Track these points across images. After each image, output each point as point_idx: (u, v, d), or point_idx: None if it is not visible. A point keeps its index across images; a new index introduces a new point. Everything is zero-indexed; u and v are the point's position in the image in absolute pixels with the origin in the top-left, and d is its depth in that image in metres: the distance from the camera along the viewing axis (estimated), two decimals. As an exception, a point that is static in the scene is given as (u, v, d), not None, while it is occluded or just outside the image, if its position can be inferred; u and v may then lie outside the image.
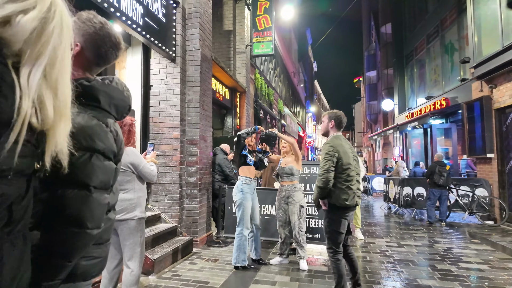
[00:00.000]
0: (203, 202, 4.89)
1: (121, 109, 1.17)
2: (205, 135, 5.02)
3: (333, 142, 2.79)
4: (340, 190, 2.70)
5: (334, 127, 2.92)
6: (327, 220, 2.80)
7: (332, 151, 2.72)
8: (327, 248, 2.86)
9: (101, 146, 1.01)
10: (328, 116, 2.96)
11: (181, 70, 4.73)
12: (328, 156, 2.70)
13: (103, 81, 1.11)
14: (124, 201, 2.35)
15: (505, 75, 6.81)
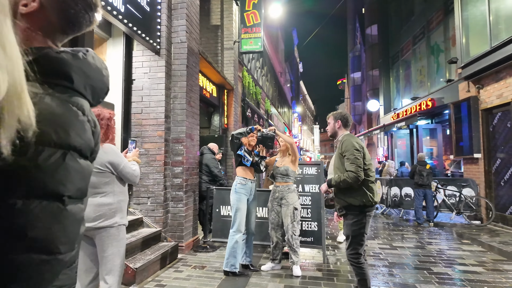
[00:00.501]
0: (189, 204, 4.60)
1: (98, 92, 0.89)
2: (191, 134, 4.72)
3: (355, 139, 2.65)
4: (367, 188, 2.57)
5: (341, 127, 2.83)
6: (354, 223, 2.57)
7: (359, 148, 2.59)
8: (350, 253, 2.62)
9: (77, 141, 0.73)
10: (333, 117, 2.86)
11: (166, 63, 4.43)
12: (358, 153, 2.56)
13: (75, 53, 0.82)
14: (102, 206, 2.06)
15: (493, 76, 6.85)
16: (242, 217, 3.55)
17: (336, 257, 4.38)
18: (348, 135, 2.76)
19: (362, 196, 2.55)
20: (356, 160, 2.54)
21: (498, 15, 6.48)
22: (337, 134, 2.84)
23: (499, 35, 6.37)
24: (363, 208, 2.56)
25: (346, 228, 2.65)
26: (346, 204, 2.60)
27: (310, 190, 4.46)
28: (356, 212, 2.57)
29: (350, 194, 2.58)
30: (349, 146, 2.60)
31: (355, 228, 2.56)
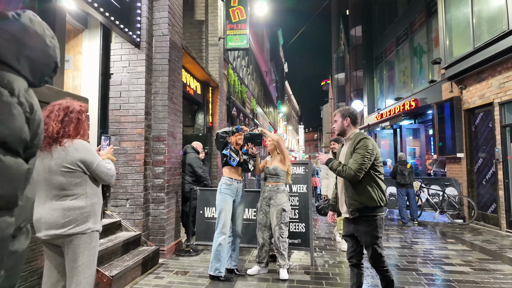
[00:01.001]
0: (171, 206, 4.37)
1: (40, 68, 0.68)
2: (174, 132, 4.50)
3: (371, 141, 2.52)
4: (379, 187, 2.49)
5: (350, 125, 2.67)
6: (373, 230, 2.46)
7: (372, 149, 2.47)
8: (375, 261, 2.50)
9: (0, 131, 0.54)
10: (341, 114, 2.70)
11: (147, 57, 4.18)
12: (368, 157, 2.45)
13: (2, 13, 0.62)
14: (73, 210, 1.83)
15: (475, 76, 6.96)
16: (226, 218, 3.37)
17: (324, 259, 4.27)
18: (361, 133, 2.63)
19: (377, 196, 2.46)
20: (362, 162, 2.43)
21: (481, 17, 6.58)
22: (346, 132, 2.69)
23: (481, 36, 6.47)
24: (377, 210, 2.47)
25: (366, 236, 2.50)
26: (361, 206, 2.47)
27: (298, 190, 4.33)
28: (371, 217, 2.46)
29: (365, 194, 2.46)
30: (363, 146, 2.48)
31: (375, 233, 2.47)
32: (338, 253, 4.61)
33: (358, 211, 2.47)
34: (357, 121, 2.71)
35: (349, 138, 2.66)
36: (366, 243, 2.52)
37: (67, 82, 4.27)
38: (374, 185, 2.47)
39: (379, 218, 2.48)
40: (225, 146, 3.49)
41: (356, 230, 2.54)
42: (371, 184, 2.47)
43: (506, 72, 6.06)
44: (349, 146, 2.60)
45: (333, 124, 2.79)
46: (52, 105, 1.88)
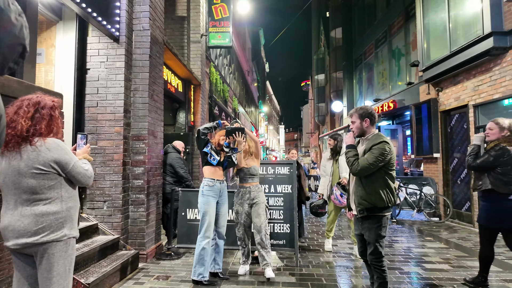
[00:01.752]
0: (152, 208, 4.20)
1: (1, 51, 0.57)
2: (155, 130, 4.33)
3: (389, 144, 2.53)
4: (390, 189, 2.54)
5: (370, 125, 2.65)
6: (378, 227, 2.54)
7: (388, 153, 2.49)
8: (374, 258, 2.57)
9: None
10: (358, 115, 2.65)
11: (126, 52, 3.99)
12: (381, 157, 2.48)
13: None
14: (47, 215, 1.67)
15: (451, 79, 7.21)
16: (210, 221, 3.26)
17: (308, 260, 4.25)
18: (381, 135, 2.61)
19: (387, 198, 2.51)
20: (372, 163, 2.47)
21: (457, 21, 6.82)
22: (365, 133, 2.67)
23: (458, 40, 6.70)
24: (385, 210, 2.53)
25: (368, 233, 2.58)
26: (370, 207, 2.52)
27: (282, 190, 4.28)
28: (379, 215, 2.53)
29: (376, 195, 2.51)
30: (381, 148, 2.49)
31: (379, 232, 2.54)
32: (322, 253, 4.61)
33: (366, 211, 2.54)
34: (376, 121, 2.69)
35: (367, 139, 2.64)
36: (368, 240, 2.60)
37: (39, 77, 4.00)
38: (384, 187, 2.52)
39: (384, 217, 2.55)
40: (206, 144, 3.39)
41: (362, 227, 2.65)
42: (382, 185, 2.52)
43: (480, 76, 6.31)
44: (366, 145, 2.60)
45: (351, 124, 2.73)
46: (20, 100, 1.71)
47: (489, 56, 5.83)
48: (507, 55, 5.64)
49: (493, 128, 3.13)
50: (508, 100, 5.74)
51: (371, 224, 2.56)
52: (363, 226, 2.63)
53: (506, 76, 5.65)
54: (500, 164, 2.96)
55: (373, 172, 2.52)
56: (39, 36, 3.92)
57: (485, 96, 6.18)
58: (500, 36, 5.62)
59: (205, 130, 3.39)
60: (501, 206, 2.98)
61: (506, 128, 3.06)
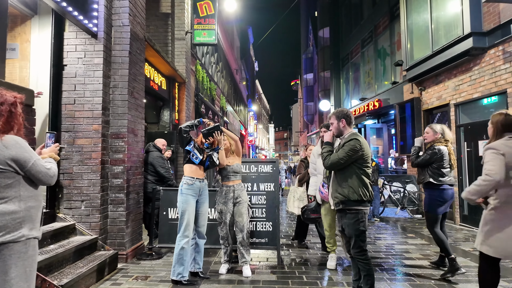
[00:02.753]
0: (132, 208, 4.12)
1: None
2: (135, 128, 4.24)
3: (361, 139, 2.69)
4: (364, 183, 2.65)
5: (346, 125, 2.82)
6: (355, 223, 2.65)
7: (358, 149, 2.63)
8: (356, 252, 2.67)
9: None
10: (336, 117, 2.85)
11: (105, 48, 3.90)
12: (351, 153, 2.63)
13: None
14: (2, 215, 1.60)
15: (433, 79, 7.34)
16: (189, 220, 3.22)
17: (291, 257, 4.26)
18: (355, 134, 2.77)
19: (360, 191, 2.61)
20: (342, 157, 2.62)
21: (439, 22, 6.94)
22: (343, 133, 2.84)
23: (439, 40, 6.82)
24: (360, 204, 2.63)
25: (348, 228, 2.71)
26: (344, 199, 2.66)
27: (265, 188, 4.26)
28: (355, 210, 2.64)
29: (349, 188, 2.64)
30: (350, 144, 2.65)
31: (357, 227, 2.64)
32: (306, 250, 4.63)
33: (341, 203, 2.68)
34: (352, 121, 2.89)
35: (344, 138, 2.79)
36: (349, 235, 2.72)
37: (14, 73, 3.88)
38: (357, 181, 2.65)
39: (361, 212, 2.65)
40: (188, 143, 3.35)
41: (342, 222, 2.78)
42: (355, 179, 2.65)
43: (460, 75, 6.44)
44: (340, 143, 2.79)
45: (330, 126, 2.92)
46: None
47: (468, 56, 5.96)
48: (485, 55, 5.77)
49: (429, 132, 3.78)
50: (487, 99, 5.88)
51: (349, 219, 2.68)
52: (343, 222, 2.76)
53: (485, 76, 5.79)
54: (435, 160, 3.59)
55: (346, 167, 2.68)
56: (12, 31, 3.80)
57: (465, 96, 6.31)
58: (479, 36, 5.75)
59: (187, 128, 3.35)
60: (438, 194, 3.62)
61: (438, 131, 3.73)
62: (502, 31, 5.39)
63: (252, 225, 4.10)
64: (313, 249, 4.70)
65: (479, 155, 5.97)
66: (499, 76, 5.47)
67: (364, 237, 2.67)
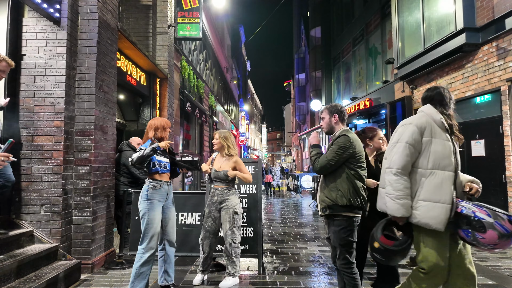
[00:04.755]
0: (100, 212, 3.77)
1: None
2: (104, 125, 3.89)
3: (352, 135, 2.41)
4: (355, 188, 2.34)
5: (338, 121, 2.53)
6: (341, 230, 2.35)
7: (348, 147, 2.34)
8: (342, 264, 2.38)
9: None
10: (328, 111, 2.56)
11: (69, 36, 3.53)
12: (340, 151, 2.34)
13: None
14: None
15: (425, 77, 7.13)
16: (155, 230, 2.84)
17: (274, 265, 3.95)
18: (346, 131, 2.48)
19: (349, 195, 2.32)
20: (331, 158, 2.35)
21: (431, 18, 6.73)
22: (334, 130, 2.55)
23: (431, 37, 6.62)
24: (348, 210, 2.33)
25: (333, 236, 2.42)
26: (331, 204, 2.37)
27: (246, 191, 3.96)
28: (343, 218, 2.35)
29: (337, 191, 2.36)
30: (339, 142, 2.38)
31: (343, 236, 2.35)
32: (290, 257, 4.33)
33: (328, 209, 2.38)
34: (345, 118, 2.58)
35: (335, 136, 2.53)
36: (334, 244, 2.44)
37: (-33, 63, 3.48)
38: (347, 183, 2.35)
39: (349, 219, 2.35)
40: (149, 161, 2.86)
41: (329, 229, 2.47)
42: (344, 182, 2.36)
43: (453, 73, 6.24)
44: (330, 143, 2.49)
45: (321, 121, 2.64)
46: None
47: (461, 52, 5.76)
48: (478, 52, 5.58)
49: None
50: (480, 98, 5.68)
51: (335, 226, 2.38)
52: (329, 229, 2.46)
53: (478, 73, 5.59)
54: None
55: (336, 168, 2.37)
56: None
57: (458, 94, 6.11)
58: (472, 32, 5.55)
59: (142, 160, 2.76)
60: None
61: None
62: (496, 26, 5.20)
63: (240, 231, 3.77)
64: (297, 254, 4.41)
65: (472, 155, 5.77)
66: (492, 73, 5.27)
67: (352, 248, 2.37)
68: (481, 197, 5.18)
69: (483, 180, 5.53)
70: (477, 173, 5.63)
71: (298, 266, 3.92)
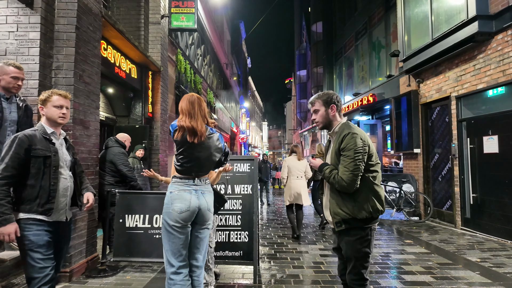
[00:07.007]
0: (81, 214, 3.44)
1: None
2: (85, 119, 3.55)
3: (358, 130, 1.99)
4: (374, 194, 1.94)
5: (336, 113, 2.11)
6: (357, 241, 1.95)
7: (363, 146, 1.92)
8: (354, 280, 1.99)
9: None
10: (323, 102, 2.11)
11: (44, 21, 3.19)
12: (359, 157, 1.90)
13: None
14: None
15: (432, 69, 6.75)
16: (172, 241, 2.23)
17: (271, 272, 3.62)
18: (348, 126, 2.04)
19: (370, 205, 1.92)
20: (355, 168, 1.89)
21: (440, 6, 6.34)
22: (332, 124, 2.12)
23: (440, 27, 6.23)
24: (369, 221, 1.95)
25: (346, 247, 2.01)
26: (348, 218, 1.94)
27: (241, 191, 3.61)
28: (361, 227, 1.95)
29: (354, 202, 1.94)
30: (351, 144, 1.92)
31: (360, 247, 1.95)
32: (289, 262, 4.00)
33: (344, 223, 1.96)
34: (341, 108, 2.17)
35: (334, 132, 2.12)
36: (347, 256, 2.02)
37: None
38: (368, 191, 1.94)
39: (367, 228, 1.96)
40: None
41: (340, 239, 2.06)
42: (364, 189, 1.94)
43: (463, 65, 5.86)
44: (334, 143, 2.05)
45: (313, 115, 2.17)
46: None
47: (473, 42, 5.37)
48: (492, 41, 5.19)
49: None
50: (493, 91, 5.31)
51: (350, 236, 1.97)
52: (341, 238, 2.04)
53: (491, 64, 5.21)
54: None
55: None
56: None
57: (468, 87, 5.74)
58: (485, 20, 5.16)
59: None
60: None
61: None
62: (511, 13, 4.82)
63: (224, 235, 3.44)
64: (298, 259, 4.07)
65: (484, 152, 5.41)
66: (507, 64, 4.89)
67: (367, 262, 1.97)
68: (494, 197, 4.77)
69: (497, 179, 5.15)
70: (489, 171, 5.28)
71: (297, 273, 3.59)
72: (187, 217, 2.12)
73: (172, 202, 2.14)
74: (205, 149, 2.21)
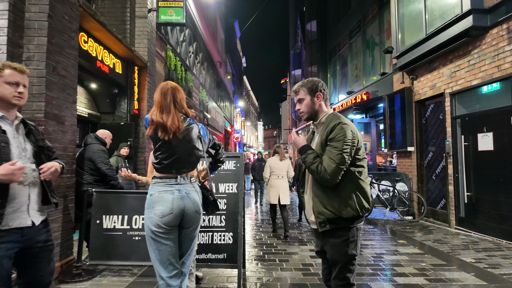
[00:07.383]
0: (55, 215, 3.23)
1: None
2: (60, 114, 3.33)
3: (347, 121, 1.82)
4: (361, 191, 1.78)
5: (322, 102, 1.91)
6: (344, 242, 1.79)
7: (352, 139, 1.76)
8: (338, 285, 1.82)
9: None
10: (308, 90, 1.91)
11: (13, 7, 2.97)
12: (347, 148, 1.74)
13: None
14: None
15: (426, 66, 6.63)
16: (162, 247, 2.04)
17: (258, 275, 3.44)
18: (335, 116, 1.87)
19: (356, 203, 1.76)
20: (341, 161, 1.72)
21: (434, 1, 6.20)
22: (318, 114, 1.93)
23: (434, 22, 6.10)
24: (355, 220, 1.79)
25: (331, 251, 1.83)
26: (333, 217, 1.77)
27: (225, 190, 3.43)
28: (347, 227, 1.79)
29: (340, 199, 1.77)
30: (340, 135, 1.75)
31: (346, 249, 1.78)
32: (277, 264, 3.82)
33: (329, 223, 1.78)
34: (328, 97, 1.97)
35: (320, 123, 1.93)
36: (332, 260, 1.85)
37: None
38: (353, 187, 1.78)
39: (353, 229, 1.81)
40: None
41: (323, 241, 1.88)
42: (350, 186, 1.78)
43: (457, 61, 5.74)
44: (320, 135, 1.87)
45: (297, 105, 1.96)
46: None
47: (468, 37, 5.25)
48: (487, 36, 5.07)
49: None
50: (487, 87, 5.19)
51: (336, 238, 1.81)
52: (325, 240, 1.86)
53: (486, 59, 5.09)
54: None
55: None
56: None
57: (463, 83, 5.62)
58: (480, 14, 5.04)
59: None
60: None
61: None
62: (507, 6, 4.69)
63: (207, 236, 3.26)
64: (286, 261, 3.90)
65: (479, 149, 5.28)
66: (502, 59, 4.77)
67: (354, 265, 1.81)
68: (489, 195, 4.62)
69: (492, 177, 5.02)
70: (484, 169, 5.15)
71: (285, 276, 3.42)
72: (171, 221, 1.90)
73: (153, 205, 1.92)
74: (184, 142, 1.99)
